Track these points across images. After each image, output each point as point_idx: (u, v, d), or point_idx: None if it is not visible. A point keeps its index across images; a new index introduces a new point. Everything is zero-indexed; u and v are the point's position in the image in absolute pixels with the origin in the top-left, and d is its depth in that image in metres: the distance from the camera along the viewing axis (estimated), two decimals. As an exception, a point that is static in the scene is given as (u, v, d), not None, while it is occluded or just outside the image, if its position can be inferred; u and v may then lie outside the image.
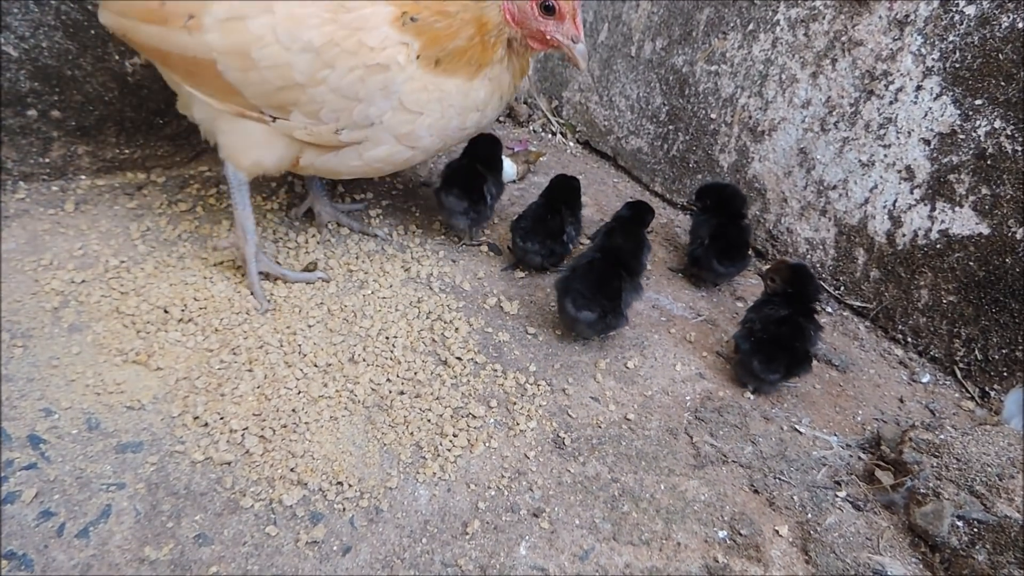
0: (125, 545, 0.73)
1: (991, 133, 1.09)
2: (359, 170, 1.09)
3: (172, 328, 0.98)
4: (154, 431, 0.85)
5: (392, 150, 1.04)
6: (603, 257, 1.10)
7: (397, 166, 1.10)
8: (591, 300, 1.04)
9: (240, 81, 0.97)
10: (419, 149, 1.06)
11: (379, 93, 0.98)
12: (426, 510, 0.83)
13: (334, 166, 1.07)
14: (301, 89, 0.96)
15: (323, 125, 1.00)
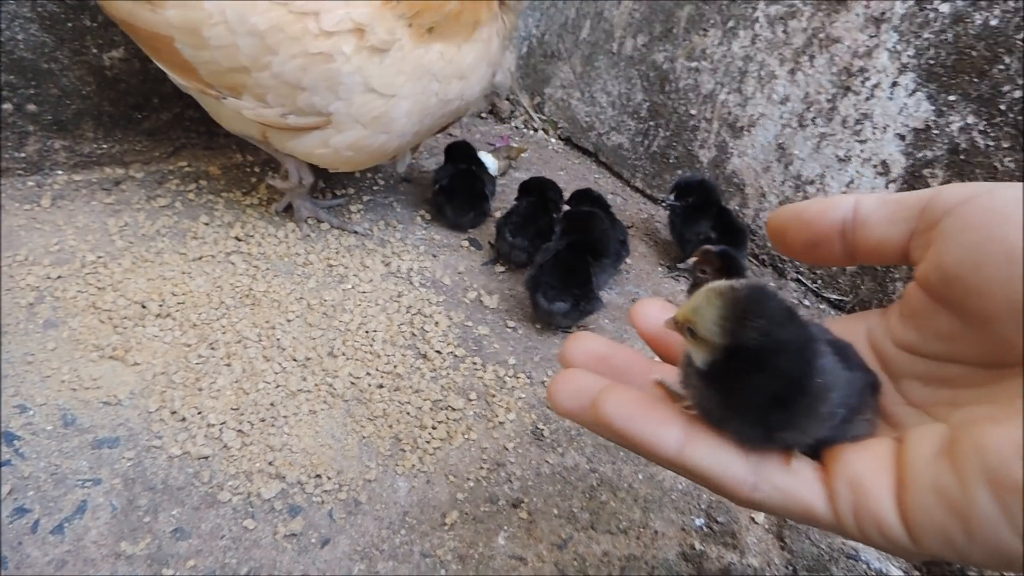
0: (101, 540, 0.73)
1: (964, 128, 1.10)
2: (329, 158, 1.07)
3: (150, 323, 0.97)
4: (131, 426, 0.84)
5: (361, 135, 1.02)
6: (567, 247, 1.10)
7: (373, 154, 1.08)
8: (562, 290, 1.06)
9: (195, 59, 0.98)
10: (394, 133, 1.03)
11: (322, 83, 0.96)
12: (405, 502, 0.83)
13: (302, 151, 1.06)
14: (247, 72, 0.96)
15: (270, 108, 1.00)
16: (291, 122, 1.02)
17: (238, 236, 1.16)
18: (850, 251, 0.52)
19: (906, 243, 0.49)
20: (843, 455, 0.44)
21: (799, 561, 0.85)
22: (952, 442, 0.40)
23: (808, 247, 0.53)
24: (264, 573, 0.73)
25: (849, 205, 0.51)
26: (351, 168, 1.16)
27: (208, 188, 1.26)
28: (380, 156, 1.10)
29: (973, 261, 0.43)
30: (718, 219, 1.29)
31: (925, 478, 0.39)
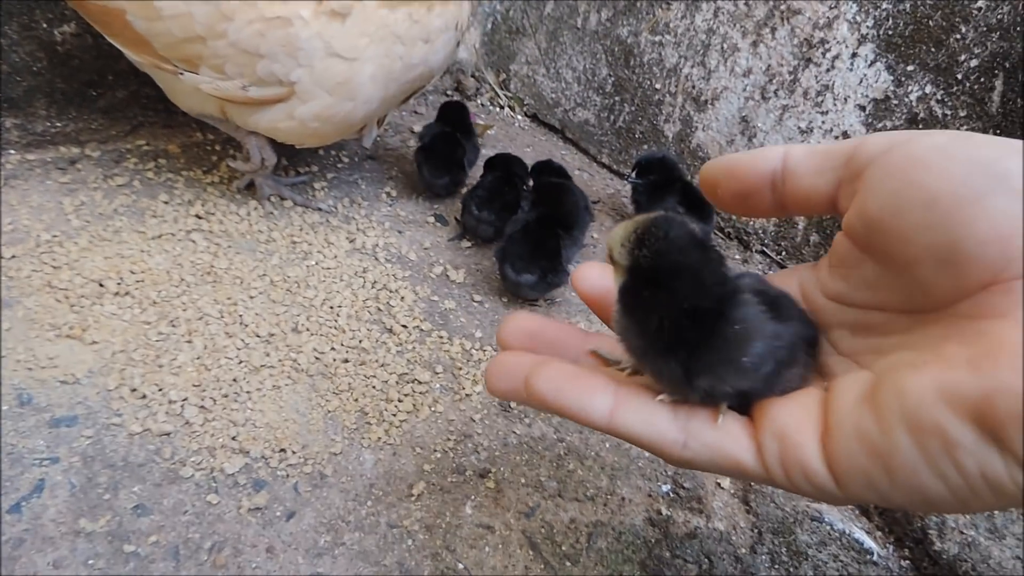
0: (59, 518, 0.72)
1: (922, 98, 1.11)
2: (295, 132, 1.04)
3: (108, 302, 0.95)
4: (89, 404, 0.83)
5: (326, 104, 0.99)
6: (537, 219, 1.10)
7: (340, 125, 1.05)
8: (530, 263, 1.06)
9: (148, 31, 0.95)
10: (360, 100, 1.01)
11: (281, 50, 0.93)
12: (371, 474, 0.83)
13: (266, 126, 1.03)
14: (203, 42, 0.93)
15: (229, 81, 0.97)
16: (252, 94, 0.99)
17: (199, 214, 1.14)
18: (780, 202, 0.53)
19: (834, 193, 0.50)
20: (770, 408, 0.45)
21: (764, 524, 0.87)
22: (874, 388, 0.41)
23: (739, 199, 0.54)
24: (228, 547, 0.73)
25: (778, 157, 0.52)
26: (318, 142, 1.13)
27: (168, 167, 1.24)
28: (347, 127, 1.07)
29: (894, 208, 0.44)
30: (683, 194, 1.29)
31: (848, 425, 0.40)
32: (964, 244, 0.40)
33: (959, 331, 0.40)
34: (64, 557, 0.68)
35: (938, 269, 0.42)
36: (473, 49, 1.79)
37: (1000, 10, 1.00)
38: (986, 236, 0.39)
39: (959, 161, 0.41)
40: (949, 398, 0.36)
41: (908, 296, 0.46)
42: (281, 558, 0.73)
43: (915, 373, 0.39)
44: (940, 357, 0.39)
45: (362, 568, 0.73)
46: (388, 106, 1.13)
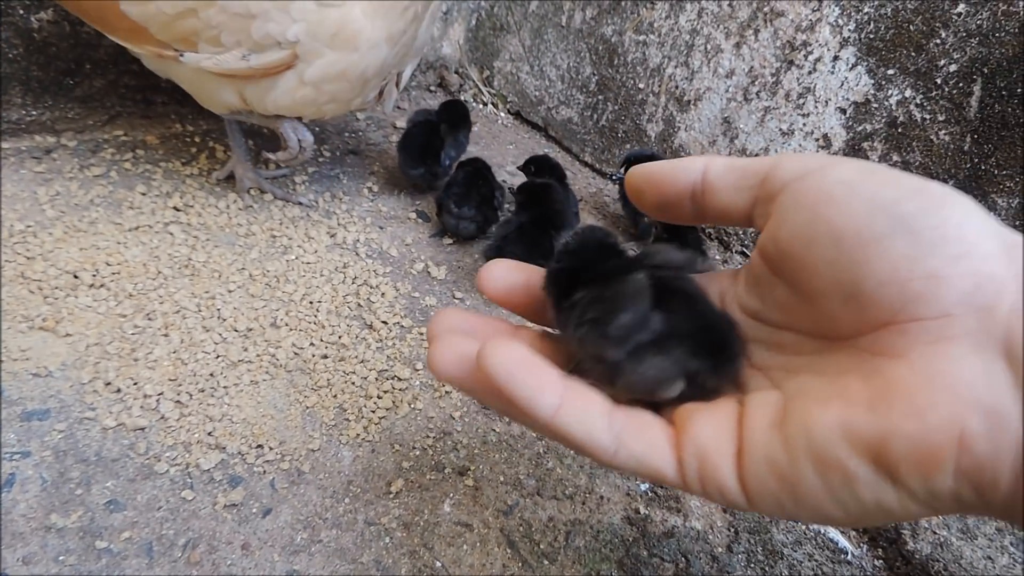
0: (30, 514, 0.70)
1: (902, 102, 1.12)
2: (314, 100, 1.00)
3: (82, 294, 0.94)
4: (62, 398, 0.82)
5: (331, 61, 0.94)
6: (530, 221, 1.10)
7: (354, 83, 0.99)
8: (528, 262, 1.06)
9: (142, 16, 0.92)
10: (364, 49, 0.95)
11: (271, 6, 0.89)
12: (349, 471, 0.82)
13: (285, 103, 0.99)
14: (194, 14, 0.90)
15: (228, 52, 0.94)
16: (254, 63, 0.94)
17: (177, 206, 1.13)
18: (700, 213, 0.54)
19: (750, 210, 0.52)
20: (691, 421, 0.47)
21: (740, 523, 0.87)
22: (784, 416, 0.43)
23: (660, 207, 0.56)
24: (203, 544, 0.72)
25: (699, 169, 0.53)
26: (341, 108, 1.06)
27: (145, 157, 1.22)
28: (362, 84, 1.02)
29: (803, 240, 0.46)
30: None
31: (760, 451, 0.43)
32: (865, 283, 0.42)
33: (860, 365, 0.42)
34: (34, 553, 0.67)
35: (842, 303, 0.44)
36: (457, 45, 1.78)
37: (980, 16, 1.01)
38: (885, 277, 0.41)
39: (862, 200, 0.43)
40: (850, 437, 0.39)
41: (816, 323, 0.48)
42: (257, 555, 0.72)
43: (820, 409, 0.41)
44: (843, 394, 0.41)
45: (339, 566, 0.73)
46: (401, 54, 1.05)
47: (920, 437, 0.36)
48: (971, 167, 1.05)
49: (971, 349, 0.38)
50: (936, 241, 0.40)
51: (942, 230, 0.40)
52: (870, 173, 0.44)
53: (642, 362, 0.48)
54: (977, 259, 0.39)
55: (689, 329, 0.49)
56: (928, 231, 0.40)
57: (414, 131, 1.30)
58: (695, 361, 0.48)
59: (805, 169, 0.47)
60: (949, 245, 0.40)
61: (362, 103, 1.08)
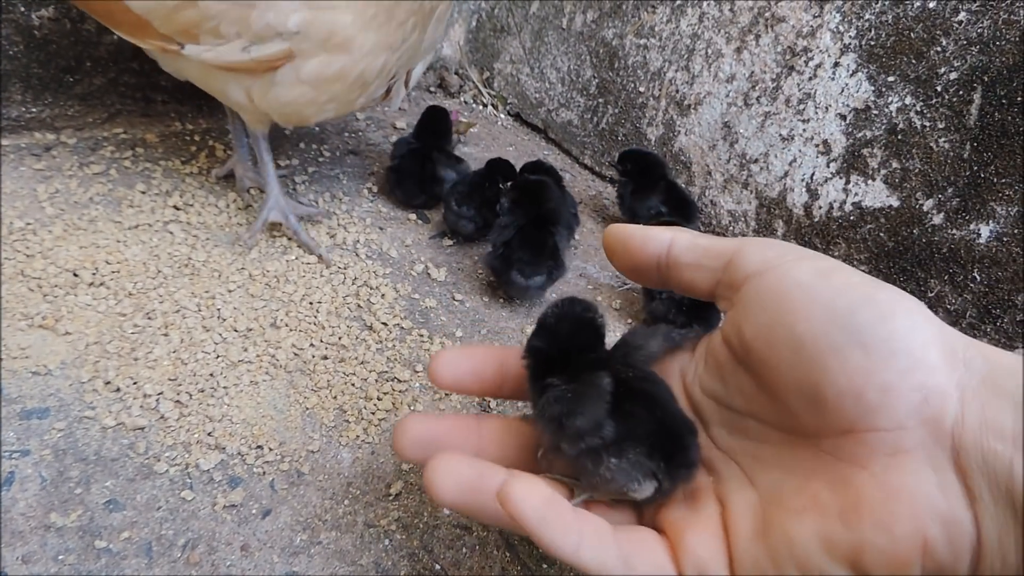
0: (29, 512, 0.70)
1: (902, 109, 1.13)
2: (314, 99, 0.97)
3: (82, 292, 0.93)
4: (62, 397, 0.81)
5: (324, 61, 0.91)
6: (529, 222, 1.10)
7: (351, 85, 0.96)
8: (537, 265, 1.06)
9: (144, 10, 0.91)
10: (357, 54, 0.91)
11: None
12: (349, 472, 0.82)
13: (284, 100, 0.96)
14: (194, 4, 0.88)
15: (228, 43, 0.91)
16: (255, 55, 0.91)
17: (176, 205, 1.12)
18: (665, 283, 0.59)
19: (712, 289, 0.56)
20: (685, 534, 0.51)
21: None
22: (765, 525, 0.48)
23: (632, 271, 0.61)
24: (202, 544, 0.72)
25: (664, 243, 0.57)
26: (343, 108, 1.02)
27: (145, 156, 1.22)
28: (360, 85, 0.97)
29: (766, 340, 0.49)
30: (668, 193, 1.30)
31: (748, 561, 0.48)
32: (825, 391, 0.45)
33: (826, 470, 0.46)
34: (34, 552, 0.67)
35: (805, 406, 0.47)
36: (457, 46, 1.78)
37: (980, 24, 1.01)
38: (843, 387, 0.44)
39: (820, 307, 0.46)
40: (828, 548, 0.44)
41: (779, 417, 0.51)
42: (256, 556, 0.72)
43: (797, 520, 0.46)
44: (815, 504, 0.46)
45: (338, 568, 0.73)
46: (408, 56, 1.02)
47: (889, 548, 0.41)
48: (971, 175, 1.06)
49: (925, 462, 0.42)
50: (887, 354, 0.43)
51: (891, 343, 0.44)
52: (826, 277, 0.47)
53: (600, 463, 0.53)
54: (924, 372, 0.43)
55: (646, 433, 0.52)
56: (879, 344, 0.44)
57: (402, 164, 1.28)
58: (651, 463, 0.52)
59: (766, 263, 0.50)
60: (899, 358, 0.43)
61: (367, 103, 1.06)
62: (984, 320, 1.08)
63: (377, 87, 1.02)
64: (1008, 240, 1.03)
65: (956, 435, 0.41)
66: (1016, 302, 1.04)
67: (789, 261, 0.50)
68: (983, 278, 1.07)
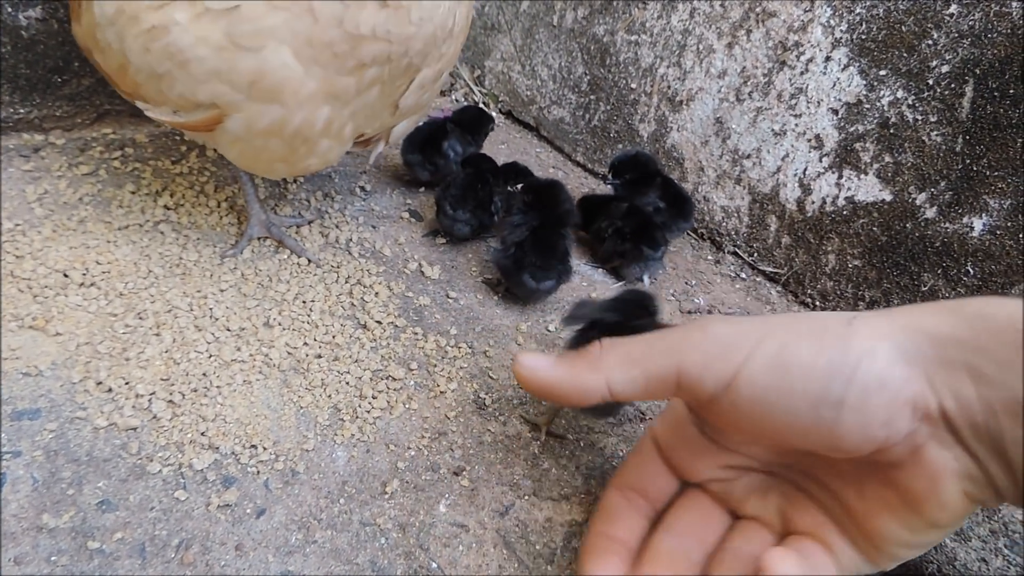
0: (21, 514, 0.69)
1: (894, 103, 1.13)
2: (254, 156, 0.87)
3: (72, 292, 0.93)
4: (53, 397, 0.81)
5: (253, 113, 0.79)
6: (541, 223, 1.10)
7: (290, 141, 0.83)
8: (547, 269, 1.06)
9: (104, 65, 0.87)
10: (291, 103, 0.78)
11: (171, 64, 0.77)
12: (344, 471, 0.81)
13: (233, 155, 0.88)
14: (124, 70, 0.81)
15: (159, 108, 0.84)
16: (185, 120, 0.83)
17: (167, 205, 1.11)
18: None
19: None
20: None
21: (736, 522, 0.87)
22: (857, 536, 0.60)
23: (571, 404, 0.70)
24: (196, 544, 0.71)
25: (601, 388, 0.63)
26: (286, 168, 0.90)
27: (135, 156, 1.21)
28: (302, 141, 0.84)
29: (772, 433, 0.58)
30: (664, 189, 1.30)
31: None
32: (843, 445, 0.55)
33: (873, 473, 0.58)
34: (26, 553, 0.66)
35: (828, 452, 0.58)
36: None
37: (972, 16, 1.01)
38: (858, 440, 0.54)
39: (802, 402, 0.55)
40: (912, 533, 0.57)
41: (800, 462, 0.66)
42: (251, 556, 0.72)
43: (878, 518, 0.58)
44: (884, 503, 0.57)
45: (334, 567, 0.72)
46: (365, 113, 0.87)
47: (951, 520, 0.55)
48: (963, 168, 1.06)
49: (938, 445, 0.52)
50: (873, 399, 0.52)
51: (868, 390, 0.52)
52: (784, 369, 0.54)
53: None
54: (902, 388, 0.51)
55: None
56: (862, 397, 0.52)
57: (416, 134, 1.30)
58: None
59: (720, 378, 0.57)
60: (881, 394, 0.51)
61: (321, 164, 0.92)
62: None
63: (329, 147, 0.88)
64: (1001, 233, 1.03)
65: (945, 417, 0.51)
66: (1010, 295, 1.05)
67: (741, 361, 0.56)
68: (976, 271, 1.07)
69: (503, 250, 1.09)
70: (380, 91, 0.83)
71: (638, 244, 1.19)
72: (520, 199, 1.17)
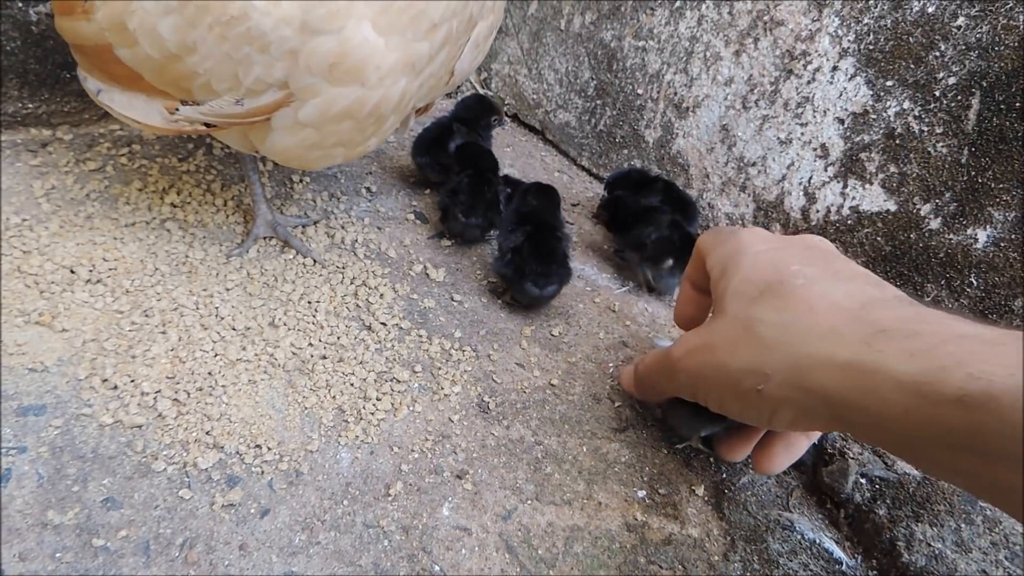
0: (26, 510, 0.70)
1: (900, 113, 1.13)
2: (316, 143, 0.84)
3: (79, 289, 0.93)
4: (59, 394, 0.81)
5: (330, 98, 0.78)
6: (536, 228, 1.10)
7: (363, 122, 0.82)
8: (549, 275, 1.06)
9: (132, 60, 0.84)
10: (372, 81, 0.77)
11: (251, 50, 0.76)
12: (348, 472, 0.82)
13: (282, 145, 0.86)
14: (180, 60, 0.79)
15: (221, 99, 0.82)
16: (248, 107, 0.82)
17: (173, 203, 1.12)
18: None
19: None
20: None
21: (737, 531, 0.87)
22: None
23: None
24: (200, 543, 0.71)
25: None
26: (354, 152, 0.90)
27: (142, 153, 1.21)
28: (374, 122, 0.83)
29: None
30: (666, 193, 1.30)
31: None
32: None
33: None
34: (31, 549, 0.67)
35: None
36: (455, 46, 1.78)
37: (980, 29, 1.02)
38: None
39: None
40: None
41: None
42: (255, 556, 0.72)
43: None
44: None
45: (337, 568, 0.73)
46: (429, 87, 0.87)
47: None
48: (968, 180, 1.06)
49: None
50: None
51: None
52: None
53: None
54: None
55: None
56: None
57: (427, 132, 1.31)
58: None
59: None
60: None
61: (379, 143, 0.92)
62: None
63: (393, 124, 0.88)
64: (1005, 245, 1.04)
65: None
66: (1013, 307, 1.05)
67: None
68: (980, 283, 1.08)
69: (500, 257, 1.10)
70: (446, 54, 0.83)
71: (682, 257, 1.17)
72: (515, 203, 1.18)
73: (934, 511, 0.86)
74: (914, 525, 0.86)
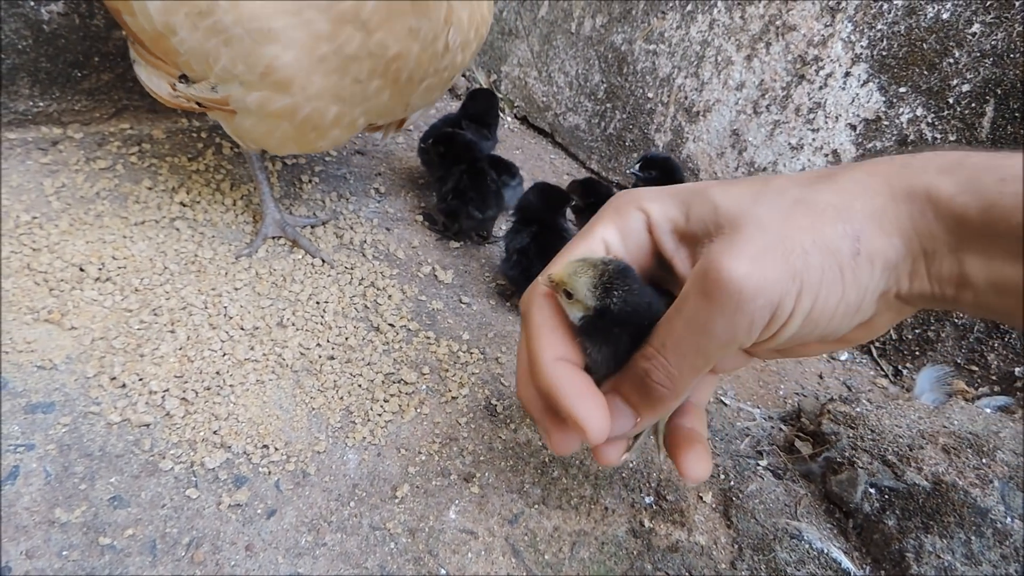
0: (34, 507, 0.70)
1: (913, 120, 1.13)
2: (266, 133, 0.93)
3: (88, 287, 0.93)
4: (67, 391, 0.81)
5: (264, 97, 0.87)
6: (540, 230, 1.10)
7: (299, 127, 0.90)
8: None
9: (135, 27, 0.90)
10: (299, 95, 0.86)
11: (216, 41, 0.83)
12: (355, 474, 0.81)
13: (246, 130, 0.93)
14: (165, 39, 0.86)
15: (201, 82, 0.89)
16: (221, 95, 0.89)
17: (183, 202, 1.12)
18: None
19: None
20: None
21: (744, 539, 0.87)
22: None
23: None
24: (207, 543, 0.71)
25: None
26: (304, 146, 0.96)
27: (152, 152, 1.21)
28: (311, 129, 0.92)
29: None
30: None
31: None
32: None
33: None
34: (38, 547, 0.67)
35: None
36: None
37: (995, 36, 1.01)
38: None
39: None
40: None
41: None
42: (260, 557, 0.72)
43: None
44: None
45: (343, 570, 0.72)
46: (376, 111, 0.95)
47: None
48: (981, 187, 1.05)
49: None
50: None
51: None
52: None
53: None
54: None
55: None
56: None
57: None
58: None
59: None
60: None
61: (332, 145, 0.99)
62: (991, 335, 1.08)
63: (340, 135, 0.96)
64: (1017, 254, 1.03)
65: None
66: None
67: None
68: (991, 291, 1.07)
69: (507, 259, 1.09)
70: (387, 96, 0.92)
71: None
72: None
73: (944, 522, 0.86)
74: (923, 536, 0.85)
